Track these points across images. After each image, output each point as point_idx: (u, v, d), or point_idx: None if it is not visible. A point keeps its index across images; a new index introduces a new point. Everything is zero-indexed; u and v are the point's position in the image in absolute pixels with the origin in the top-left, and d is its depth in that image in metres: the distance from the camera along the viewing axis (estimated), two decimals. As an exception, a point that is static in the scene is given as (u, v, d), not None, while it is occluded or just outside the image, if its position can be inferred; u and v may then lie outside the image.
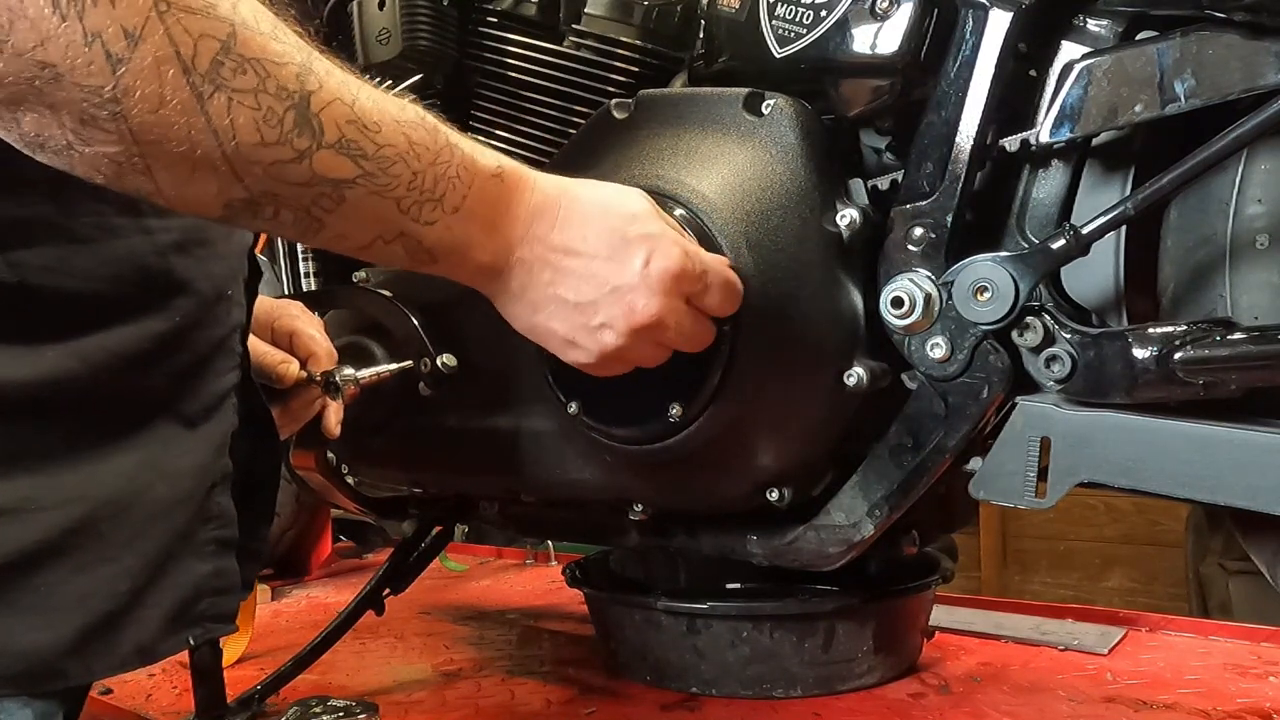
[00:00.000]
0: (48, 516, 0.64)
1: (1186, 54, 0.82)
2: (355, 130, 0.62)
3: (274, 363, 0.96)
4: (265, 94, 0.58)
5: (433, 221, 0.69)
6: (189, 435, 0.72)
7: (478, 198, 0.71)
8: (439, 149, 0.68)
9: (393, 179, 0.65)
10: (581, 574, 1.35)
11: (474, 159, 0.71)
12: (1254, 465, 0.79)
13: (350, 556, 2.19)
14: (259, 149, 0.58)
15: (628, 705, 1.18)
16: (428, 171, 0.67)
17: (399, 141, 0.65)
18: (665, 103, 1.02)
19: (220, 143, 0.57)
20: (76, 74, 0.52)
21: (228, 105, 0.56)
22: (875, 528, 0.98)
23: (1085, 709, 1.13)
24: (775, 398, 0.94)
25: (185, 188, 0.58)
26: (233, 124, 0.57)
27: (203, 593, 0.72)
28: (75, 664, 0.65)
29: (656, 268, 0.78)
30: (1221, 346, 0.80)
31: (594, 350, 0.79)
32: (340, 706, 1.15)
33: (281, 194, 0.61)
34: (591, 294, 0.77)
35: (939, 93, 0.90)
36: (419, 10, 1.13)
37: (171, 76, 0.54)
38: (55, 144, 0.54)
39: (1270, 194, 0.84)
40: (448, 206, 0.69)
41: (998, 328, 0.89)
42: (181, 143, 0.56)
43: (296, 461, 1.27)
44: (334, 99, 0.61)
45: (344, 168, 0.62)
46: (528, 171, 0.76)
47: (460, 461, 1.16)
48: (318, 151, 0.61)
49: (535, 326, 0.79)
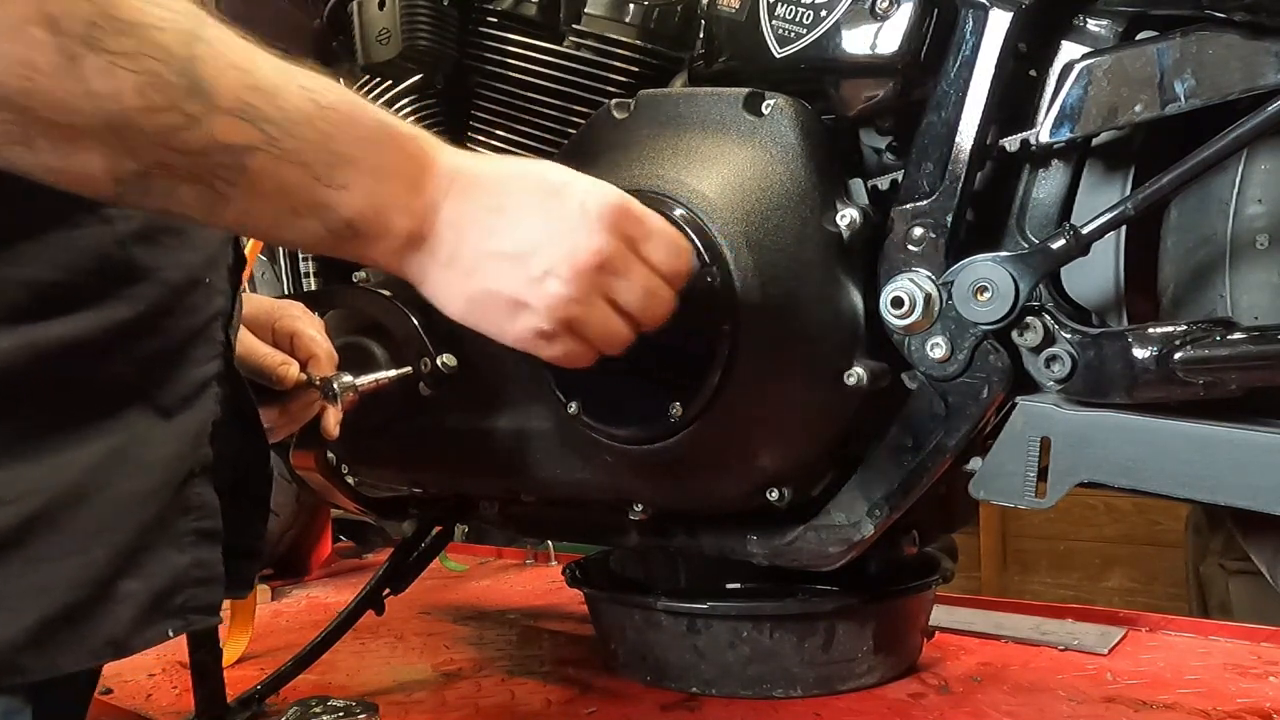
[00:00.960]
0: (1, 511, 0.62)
1: (1186, 54, 0.82)
2: (254, 94, 0.59)
3: (274, 364, 0.96)
4: (147, 57, 0.55)
5: (346, 184, 0.65)
6: (164, 424, 0.70)
7: (396, 157, 0.68)
8: (353, 109, 0.65)
9: (301, 142, 0.62)
10: (581, 574, 1.35)
11: (391, 119, 0.68)
12: (1254, 465, 0.79)
13: (350, 556, 2.19)
14: (145, 114, 0.55)
15: (628, 705, 1.18)
16: (340, 134, 0.64)
17: (305, 105, 0.62)
18: (665, 103, 1.02)
19: (101, 107, 0.54)
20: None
21: (107, 69, 0.53)
22: (875, 528, 0.98)
23: (1085, 709, 1.13)
24: (775, 398, 0.94)
25: (69, 159, 0.55)
26: (114, 89, 0.54)
27: (182, 584, 0.70)
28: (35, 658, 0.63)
29: (594, 202, 0.74)
30: (1221, 346, 0.80)
31: (543, 305, 0.74)
32: (340, 706, 1.15)
33: (175, 164, 0.57)
34: (529, 240, 0.72)
35: (939, 93, 0.90)
36: (419, 10, 1.13)
37: (40, 38, 0.52)
38: None
39: (1270, 194, 0.84)
40: (364, 168, 0.65)
41: (998, 328, 0.89)
42: (57, 109, 0.53)
43: (296, 461, 1.27)
44: (227, 64, 0.58)
45: (244, 132, 0.59)
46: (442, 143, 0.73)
47: (460, 461, 1.16)
48: (213, 116, 0.57)
49: (474, 296, 0.73)
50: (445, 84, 1.20)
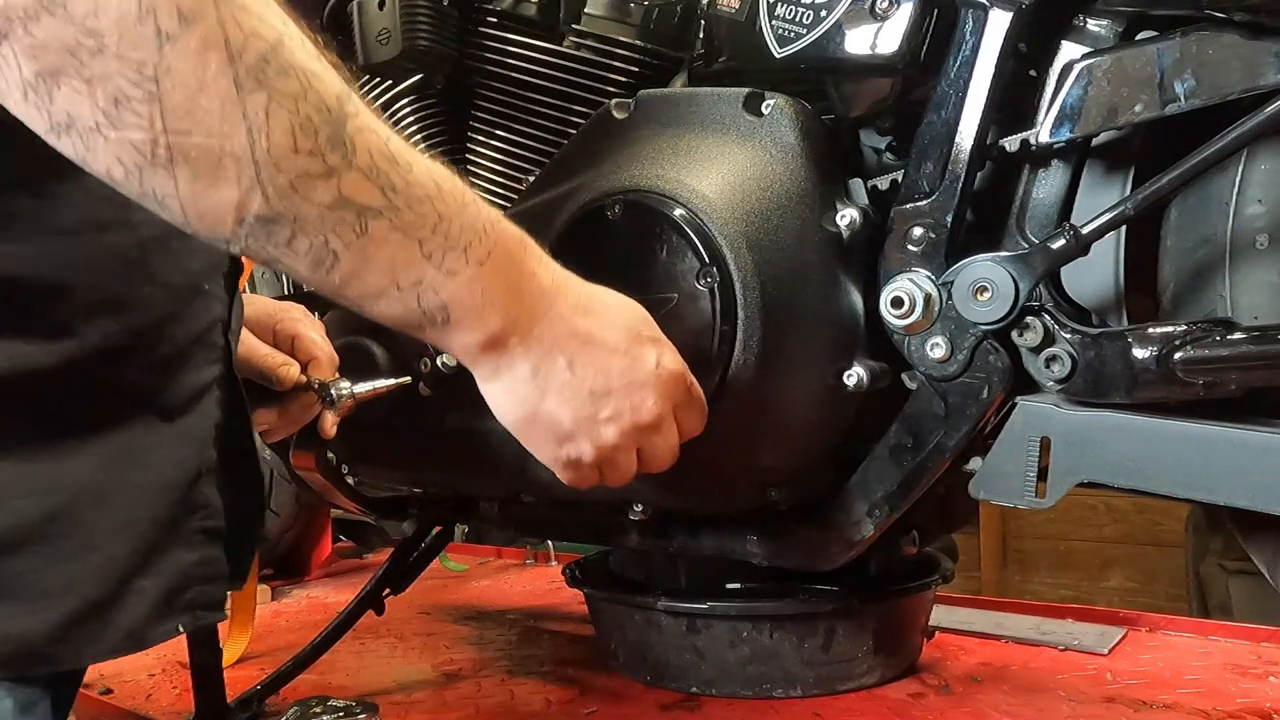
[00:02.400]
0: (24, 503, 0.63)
1: (1186, 54, 0.82)
2: (387, 161, 0.61)
3: (274, 365, 0.96)
4: (305, 102, 0.57)
5: (456, 272, 0.66)
6: (167, 427, 0.72)
7: (503, 255, 0.69)
8: (466, 200, 0.67)
9: (420, 217, 0.63)
10: (581, 574, 1.34)
11: (499, 217, 0.70)
12: (1254, 465, 0.79)
13: (350, 556, 2.19)
14: (290, 156, 0.57)
15: (628, 705, 1.18)
16: (455, 218, 0.65)
17: (428, 183, 0.64)
18: (665, 103, 1.02)
19: (252, 141, 0.55)
20: (123, 45, 0.51)
21: (266, 104, 0.55)
22: (875, 528, 0.98)
23: (1085, 709, 1.13)
24: (775, 398, 0.94)
25: (205, 191, 0.56)
26: (268, 123, 0.55)
27: (191, 580, 0.72)
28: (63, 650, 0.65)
29: (666, 369, 0.79)
30: (1221, 346, 0.80)
31: (592, 446, 0.78)
32: (340, 706, 1.15)
33: (303, 214, 0.59)
34: (607, 385, 0.76)
35: (939, 93, 0.90)
36: (419, 10, 1.13)
37: (215, 63, 0.53)
38: (83, 124, 0.53)
39: (1270, 194, 0.84)
40: (472, 258, 0.66)
41: (998, 328, 0.89)
42: (213, 134, 0.55)
43: (296, 461, 1.27)
44: (369, 128, 0.60)
45: (372, 194, 0.61)
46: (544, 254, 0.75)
47: (460, 461, 1.16)
48: (348, 172, 0.59)
49: (536, 414, 0.76)
50: (445, 84, 1.20)
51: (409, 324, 0.68)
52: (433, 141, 1.21)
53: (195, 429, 0.74)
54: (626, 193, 0.95)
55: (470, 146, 1.21)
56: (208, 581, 0.74)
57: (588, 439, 0.78)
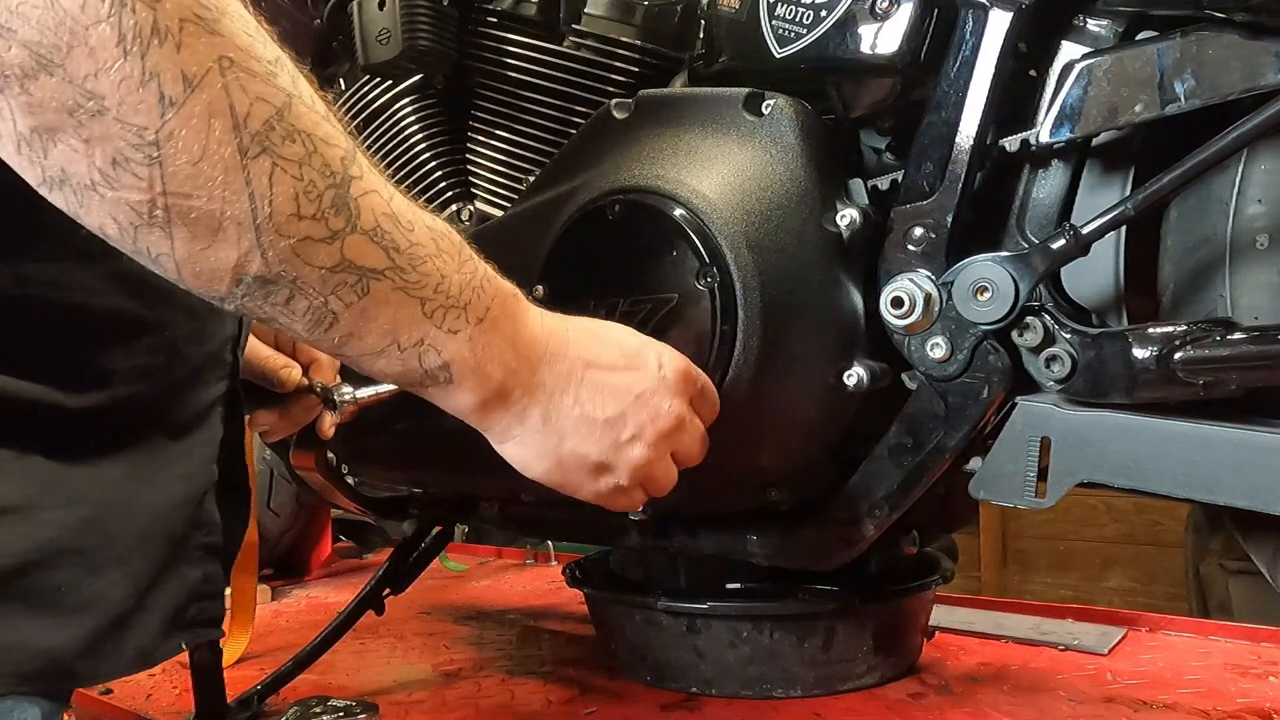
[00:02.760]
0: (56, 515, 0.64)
1: (1186, 54, 0.82)
2: (390, 222, 0.61)
3: (276, 367, 0.97)
4: (309, 167, 0.56)
5: (457, 330, 0.66)
6: (177, 445, 0.72)
7: (501, 310, 0.69)
8: (464, 256, 0.67)
9: (423, 277, 0.63)
10: (581, 574, 1.34)
11: (495, 275, 0.70)
12: (1254, 465, 0.79)
13: (350, 556, 2.19)
14: (292, 221, 0.56)
15: (628, 705, 1.18)
16: (454, 277, 0.65)
17: (429, 243, 0.64)
18: (665, 103, 1.02)
19: (254, 206, 0.55)
20: (124, 109, 0.50)
21: (270, 170, 0.54)
22: (875, 528, 0.98)
23: (1085, 709, 1.13)
24: (775, 398, 0.94)
25: (201, 253, 0.55)
26: (271, 189, 0.55)
27: (193, 597, 0.73)
28: (86, 665, 0.65)
29: (670, 367, 0.78)
30: (1221, 346, 0.80)
31: (626, 469, 0.77)
32: (340, 706, 1.15)
33: (302, 277, 0.58)
34: (618, 406, 0.75)
35: (939, 93, 0.90)
36: (419, 10, 1.13)
37: (219, 130, 0.52)
38: (78, 181, 0.52)
39: (1270, 194, 0.84)
40: (472, 316, 0.66)
41: (998, 328, 0.89)
42: (213, 200, 0.53)
43: (296, 462, 1.27)
44: (373, 190, 0.60)
45: (376, 256, 0.60)
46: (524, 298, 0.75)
47: (460, 461, 1.16)
48: (350, 235, 0.59)
49: (562, 459, 0.75)
50: (445, 84, 1.20)
51: (409, 382, 0.68)
52: (433, 141, 1.21)
53: (202, 445, 0.75)
54: (626, 193, 0.95)
55: (470, 146, 1.21)
56: (208, 598, 0.75)
57: (619, 465, 0.77)
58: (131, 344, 0.68)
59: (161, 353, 0.70)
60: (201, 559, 0.74)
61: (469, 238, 0.70)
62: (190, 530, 0.73)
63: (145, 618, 0.68)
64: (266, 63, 0.54)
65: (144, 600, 0.68)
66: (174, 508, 0.71)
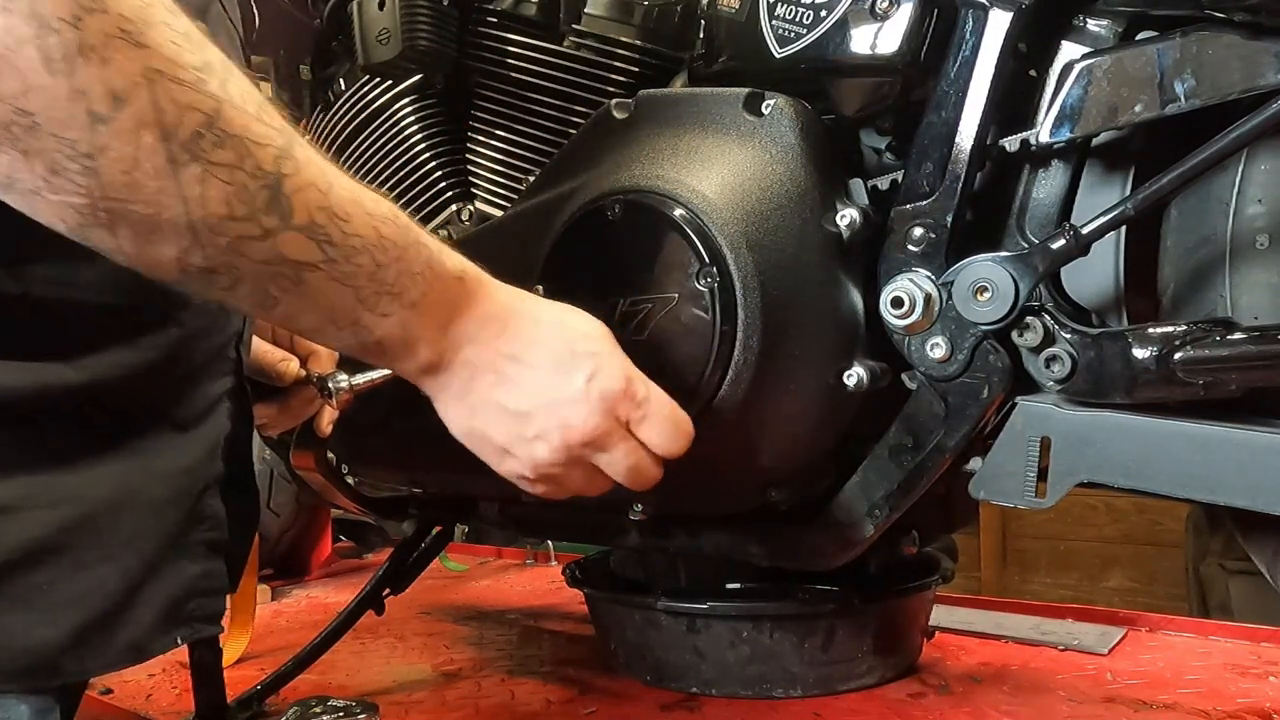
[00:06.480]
0: (44, 515, 0.64)
1: (1186, 54, 0.82)
2: (325, 216, 0.63)
3: (274, 360, 0.97)
4: (241, 170, 0.58)
5: (387, 314, 0.69)
6: (180, 439, 0.73)
7: (436, 297, 0.71)
8: (406, 245, 0.68)
9: (355, 268, 0.65)
10: (581, 574, 1.35)
11: (440, 259, 0.71)
12: (1254, 465, 0.79)
13: (350, 556, 2.19)
14: (225, 222, 0.58)
15: (628, 705, 1.18)
16: (392, 266, 0.67)
17: (368, 233, 0.65)
18: (665, 103, 1.01)
19: (188, 211, 0.57)
20: (54, 125, 0.52)
21: (202, 176, 0.56)
22: (875, 528, 0.98)
23: (1085, 709, 1.13)
24: (775, 398, 0.94)
25: (145, 248, 0.58)
26: (203, 195, 0.57)
27: (192, 593, 0.73)
28: (71, 661, 0.66)
29: (597, 385, 0.77)
30: (1221, 346, 0.80)
31: (527, 462, 0.78)
32: (340, 706, 1.15)
33: (241, 268, 0.61)
34: (529, 404, 0.76)
35: (939, 93, 0.90)
36: (419, 10, 1.13)
37: (149, 142, 0.54)
38: (24, 186, 0.54)
39: (1270, 194, 0.84)
40: (405, 301, 0.69)
41: (998, 328, 0.89)
42: (149, 205, 0.55)
43: (296, 461, 1.27)
44: (309, 184, 0.61)
45: (309, 251, 0.62)
46: (490, 280, 0.76)
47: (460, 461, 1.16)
48: (284, 232, 0.60)
49: (472, 431, 0.78)
50: (445, 84, 1.20)
51: (350, 351, 0.72)
52: (432, 141, 1.21)
53: (205, 441, 0.75)
54: (626, 193, 0.95)
55: (470, 146, 1.21)
56: (208, 594, 0.75)
57: (520, 456, 0.78)
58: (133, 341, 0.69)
59: (164, 349, 0.71)
60: (202, 554, 0.74)
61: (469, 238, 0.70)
62: (191, 525, 0.73)
63: (138, 612, 0.69)
64: (194, 70, 0.55)
65: (136, 595, 0.69)
66: (172, 503, 0.71)
